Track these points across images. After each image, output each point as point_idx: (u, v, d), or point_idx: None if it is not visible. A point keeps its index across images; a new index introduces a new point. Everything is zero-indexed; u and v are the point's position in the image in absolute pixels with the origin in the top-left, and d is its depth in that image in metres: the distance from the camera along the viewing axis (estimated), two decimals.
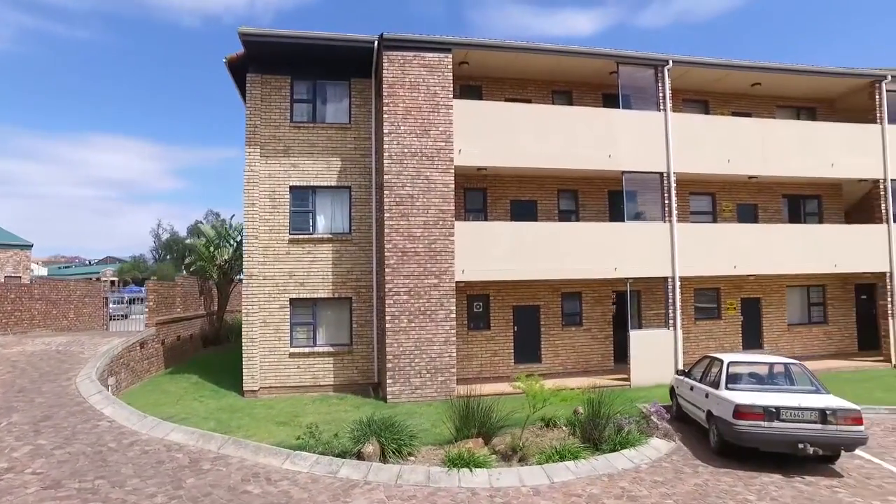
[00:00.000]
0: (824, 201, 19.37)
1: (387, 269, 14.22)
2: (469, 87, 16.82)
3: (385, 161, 14.37)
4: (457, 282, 14.55)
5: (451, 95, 14.76)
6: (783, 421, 8.66)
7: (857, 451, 9.66)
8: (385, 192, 14.35)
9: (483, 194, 16.66)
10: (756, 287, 18.42)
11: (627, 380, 15.23)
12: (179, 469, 8.12)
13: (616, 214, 16.51)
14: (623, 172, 15.69)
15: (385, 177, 14.33)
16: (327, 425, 11.34)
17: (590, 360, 16.95)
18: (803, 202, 19.37)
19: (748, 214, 18.51)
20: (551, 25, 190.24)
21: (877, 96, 17.79)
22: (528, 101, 16.82)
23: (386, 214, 14.31)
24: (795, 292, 19.09)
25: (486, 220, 16.52)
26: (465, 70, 16.38)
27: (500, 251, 14.77)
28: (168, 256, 68.62)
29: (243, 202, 15.29)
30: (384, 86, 14.53)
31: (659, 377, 15.11)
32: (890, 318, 17.48)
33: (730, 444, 9.11)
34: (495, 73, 16.78)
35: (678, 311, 15.74)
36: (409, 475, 8.11)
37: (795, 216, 19.20)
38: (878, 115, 17.78)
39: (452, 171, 14.58)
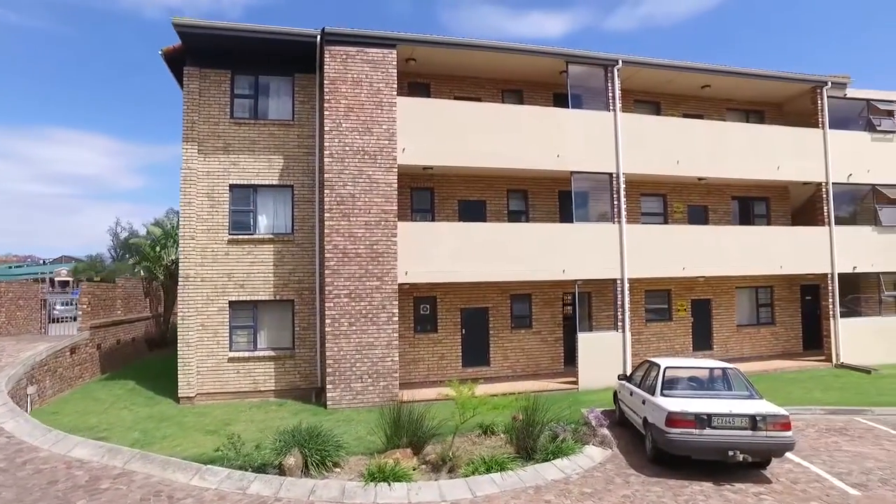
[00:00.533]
0: (772, 204, 19.49)
1: (326, 271, 13.72)
2: (417, 84, 16.40)
3: (326, 159, 13.86)
4: (400, 284, 14.13)
5: (396, 92, 14.32)
6: (714, 428, 8.45)
7: (789, 455, 9.54)
8: (326, 191, 13.84)
9: (430, 194, 16.26)
10: (706, 288, 18.41)
11: (576, 383, 15.01)
12: (72, 490, 7.50)
13: (567, 215, 16.28)
14: (572, 173, 15.46)
15: (326, 175, 13.83)
16: (259, 433, 10.84)
17: (540, 363, 16.69)
18: (752, 204, 19.46)
19: (699, 216, 18.49)
20: (522, 27, 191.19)
21: (818, 102, 17.93)
22: (478, 100, 16.48)
23: (326, 214, 13.81)
24: (744, 293, 19.16)
25: (433, 220, 16.12)
26: (413, 67, 15.96)
27: (445, 252, 14.38)
28: (127, 255, 66.68)
29: (180, 201, 14.60)
30: (326, 81, 14.02)
31: (608, 380, 14.87)
32: (831, 319, 17.64)
33: (665, 452, 8.87)
34: (444, 70, 16.39)
35: (626, 314, 15.58)
36: (323, 491, 7.65)
37: (744, 218, 19.27)
38: (819, 119, 17.92)
39: (396, 170, 14.14)
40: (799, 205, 19.62)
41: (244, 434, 11.12)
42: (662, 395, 9.23)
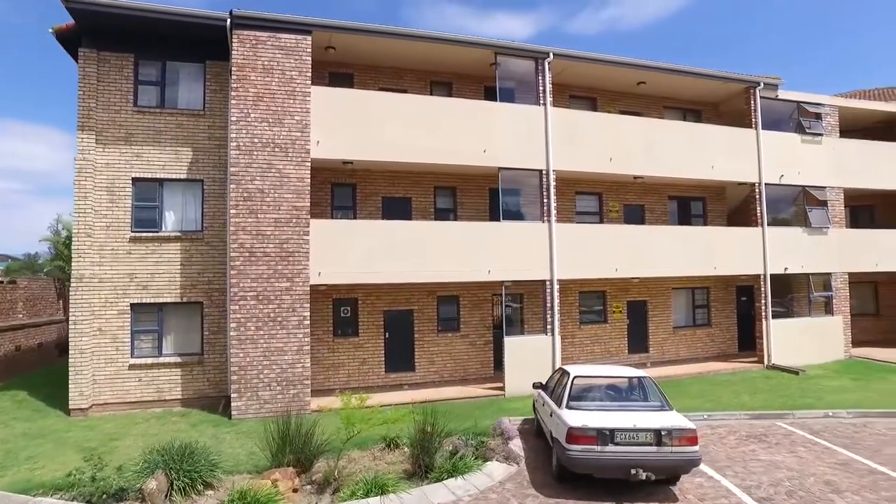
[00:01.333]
0: (709, 204, 19.24)
1: (232, 272, 12.72)
2: (340, 75, 15.49)
3: (232, 152, 12.86)
4: (313, 285, 13.23)
5: (310, 82, 13.40)
6: (617, 444, 7.81)
7: (702, 467, 9.03)
8: (231, 185, 12.83)
9: (352, 191, 15.37)
10: (642, 290, 18.01)
11: (504, 389, 14.34)
12: None
13: (497, 213, 15.57)
14: (499, 169, 14.79)
15: (232, 169, 12.82)
16: (143, 452, 9.80)
17: (468, 367, 15.98)
18: (689, 204, 19.17)
19: (635, 215, 18.08)
20: (487, 27, 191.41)
21: (751, 102, 17.72)
22: (404, 92, 15.65)
23: (232, 211, 12.80)
24: (681, 295, 18.84)
25: (355, 218, 15.24)
26: (334, 56, 15.06)
27: (362, 252, 13.53)
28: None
29: (74, 195, 13.36)
30: (233, 68, 13.01)
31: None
32: (763, 320, 17.44)
33: (569, 470, 8.18)
34: (368, 60, 15.52)
35: (556, 316, 14.99)
36: None
37: (682, 218, 18.96)
38: (752, 120, 17.70)
39: (309, 163, 13.23)
40: (735, 205, 19.40)
41: (129, 451, 10.11)
42: (568, 407, 8.56)
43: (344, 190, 15.33)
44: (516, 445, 10.07)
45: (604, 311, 17.66)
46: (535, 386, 11.01)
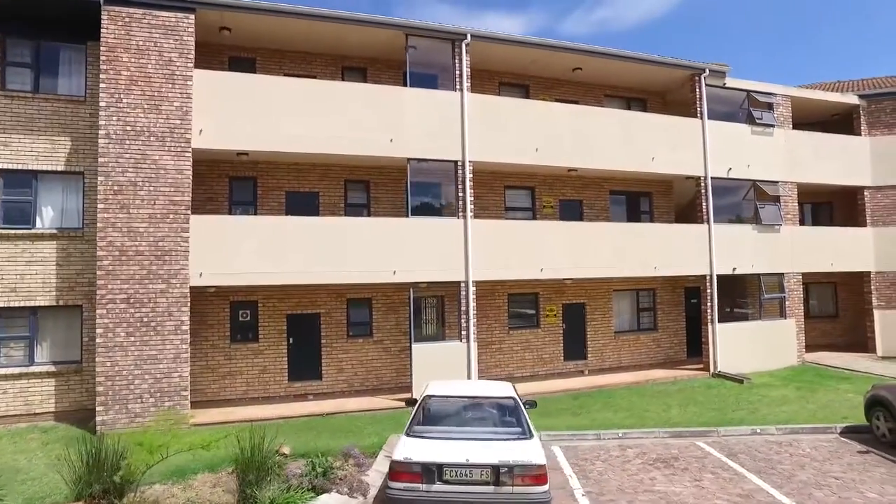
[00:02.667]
0: (655, 200, 17.97)
1: (99, 273, 11.47)
2: (240, 59, 14.26)
3: (101, 141, 11.63)
4: (195, 287, 12.00)
5: (193, 64, 12.15)
6: (446, 482, 6.52)
7: (579, 498, 7.76)
8: (101, 178, 11.60)
9: (253, 185, 14.09)
10: (579, 291, 16.73)
11: (414, 401, 13.03)
12: None
13: (416, 208, 14.26)
14: (409, 160, 13.53)
15: (101, 160, 11.59)
16: None
17: (382, 376, 14.70)
18: (634, 200, 17.89)
19: (573, 212, 16.80)
20: (479, 26, 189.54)
21: (697, 90, 16.45)
22: (313, 78, 14.39)
23: (100, 206, 11.56)
24: (624, 297, 17.56)
25: (256, 214, 13.97)
26: (232, 40, 13.83)
27: (251, 250, 12.27)
28: None
29: None
30: (103, 48, 11.76)
31: None
32: (709, 325, 16.16)
33: None
34: (272, 43, 14.27)
35: (472, 321, 13.71)
36: None
37: (624, 215, 17.68)
38: (697, 109, 16.43)
39: (189, 154, 11.99)
40: (686, 202, 18.15)
41: None
42: (408, 433, 7.27)
43: (244, 184, 14.07)
44: (377, 472, 8.77)
45: (536, 315, 16.38)
46: (408, 403, 9.70)
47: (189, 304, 11.86)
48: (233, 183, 13.99)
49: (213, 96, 12.27)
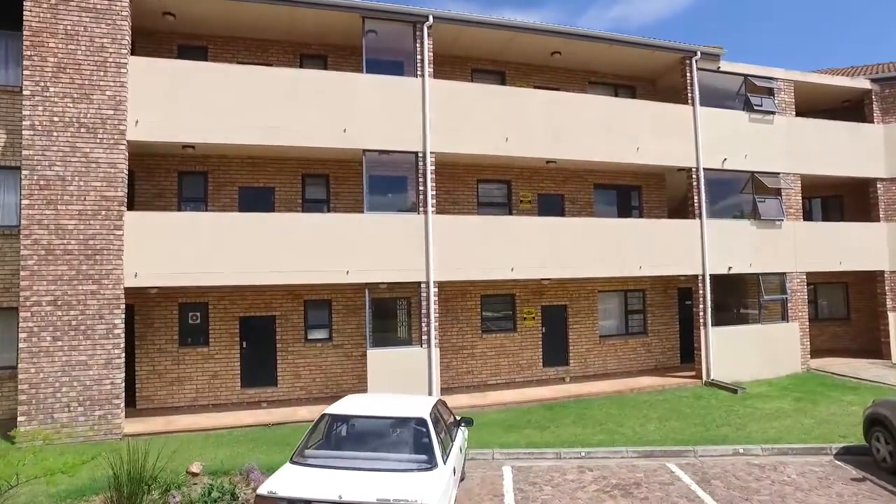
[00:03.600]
0: (645, 194, 16.49)
1: (24, 273, 10.57)
2: (190, 48, 13.28)
3: (25, 132, 10.73)
4: (131, 288, 11.04)
5: (128, 51, 11.20)
6: None
7: None
8: (25, 172, 10.69)
9: (204, 180, 13.11)
10: (560, 293, 15.38)
11: None
12: None
13: (378, 204, 13.11)
14: (364, 152, 12.39)
15: (25, 153, 10.69)
16: None
17: (342, 383, 13.57)
18: (621, 194, 16.44)
19: (553, 207, 15.44)
20: None
21: (688, 74, 14.95)
22: (269, 66, 13.35)
23: (24, 202, 10.65)
24: (610, 298, 16.13)
25: (206, 210, 12.98)
26: (179, 26, 12.89)
27: (193, 249, 11.28)
28: None
29: None
30: (27, 33, 10.86)
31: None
32: (701, 329, 14.65)
33: None
34: (224, 30, 13.29)
35: (433, 325, 12.51)
36: None
37: (611, 211, 16.25)
38: (688, 95, 14.93)
39: (124, 147, 11.03)
40: (680, 197, 16.58)
41: None
42: (293, 460, 6.12)
43: (194, 179, 13.10)
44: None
45: (513, 318, 15.07)
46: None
47: (123, 306, 10.89)
48: (182, 178, 13.04)
49: (150, 85, 11.30)
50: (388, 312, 13.88)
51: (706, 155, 14.86)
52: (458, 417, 8.11)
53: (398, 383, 12.08)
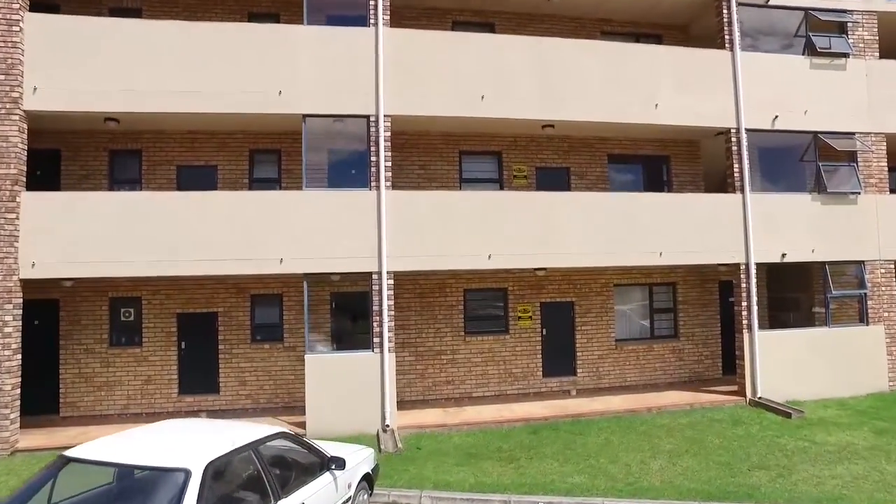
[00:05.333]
0: (675, 166, 13.06)
1: None
2: (124, 9, 11.44)
3: None
4: (29, 280, 9.30)
5: (23, 6, 9.48)
6: None
7: None
8: None
9: (138, 158, 11.27)
10: (565, 286, 12.35)
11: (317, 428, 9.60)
12: None
13: (326, 182, 10.78)
14: (304, 117, 10.04)
15: None
16: None
17: (294, 391, 11.24)
18: (643, 167, 13.14)
19: (556, 183, 12.41)
20: None
21: (724, 10, 11.44)
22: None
23: None
24: (630, 294, 12.88)
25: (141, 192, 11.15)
26: None
27: (102, 235, 9.41)
28: None
29: None
30: None
31: (358, 423, 9.52)
32: (745, 332, 11.15)
33: None
34: None
35: (386, 324, 9.96)
36: None
37: (631, 187, 12.98)
38: (726, 36, 11.43)
39: (17, 117, 9.30)
40: (722, 170, 12.91)
41: None
42: None
43: (127, 158, 11.30)
44: None
45: (504, 317, 12.21)
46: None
47: (20, 300, 9.19)
48: (114, 157, 11.27)
49: (52, 47, 9.51)
50: (356, 310, 11.40)
51: (750, 112, 11.32)
52: (328, 456, 5.55)
53: (344, 395, 9.69)
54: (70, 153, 11.00)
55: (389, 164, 10.17)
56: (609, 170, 12.78)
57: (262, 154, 11.60)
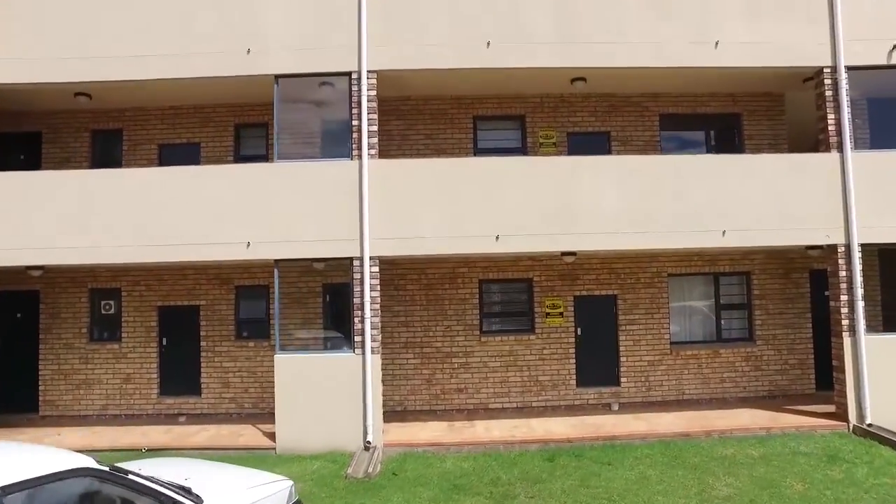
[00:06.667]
0: (746, 126, 10.25)
1: None
2: None
3: None
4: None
5: None
6: None
7: None
8: None
9: (119, 137, 10.27)
10: (605, 276, 9.99)
11: (289, 441, 8.08)
12: None
13: (325, 151, 9.20)
14: (276, 78, 8.49)
15: None
16: None
17: None
18: (707, 129, 10.46)
19: (593, 150, 10.02)
20: None
21: None
22: None
23: None
24: (690, 285, 10.27)
25: None
26: None
27: (50, 218, 8.40)
28: None
29: None
30: None
31: (336, 438, 7.91)
32: (845, 335, 8.29)
33: None
34: None
35: (368, 319, 8.19)
36: None
37: (690, 150, 10.37)
38: None
39: None
40: (812, 130, 10.03)
41: None
42: None
43: (109, 138, 10.33)
44: None
45: (529, 314, 10.04)
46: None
47: None
48: (96, 138, 10.35)
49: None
50: (331, 300, 9.82)
51: (851, 42, 8.44)
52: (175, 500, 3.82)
53: (318, 406, 8.06)
54: (51, 134, 10.21)
55: (375, 128, 8.40)
56: (661, 135, 10.25)
57: (249, 128, 10.24)
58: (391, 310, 9.78)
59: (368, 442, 7.93)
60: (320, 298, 9.89)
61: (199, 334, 9.92)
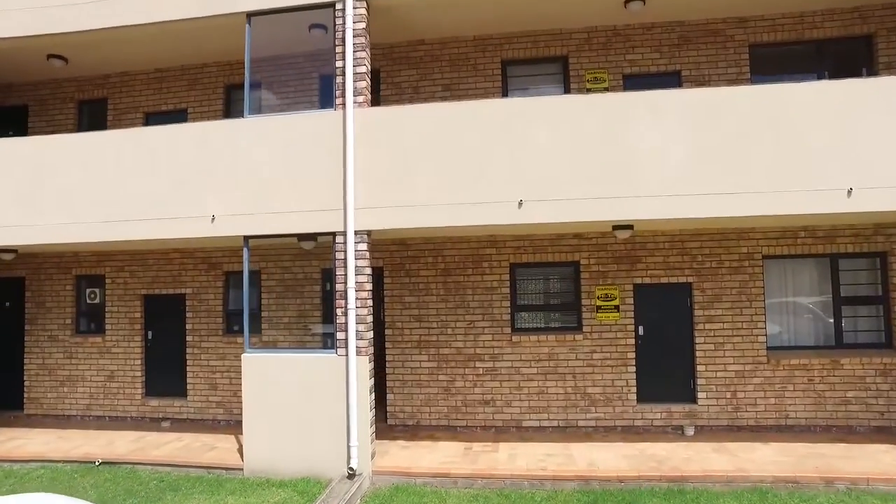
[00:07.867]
0: (880, 54, 7.42)
1: None
2: None
3: None
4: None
5: None
6: None
7: None
8: None
9: (104, 107, 9.13)
10: (675, 259, 7.57)
11: (248, 460, 6.50)
12: None
13: (308, 103, 7.56)
14: (248, 16, 6.88)
15: None
16: None
17: None
18: (818, 60, 7.72)
19: None
20: None
21: None
22: None
23: None
24: (794, 270, 7.60)
25: None
26: None
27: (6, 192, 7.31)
28: None
29: None
30: None
31: (314, 461, 6.25)
32: None
33: None
34: None
35: (353, 312, 6.36)
36: None
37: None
38: None
39: None
40: None
41: None
42: None
43: (94, 107, 9.23)
44: None
45: (575, 307, 7.80)
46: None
47: None
48: (82, 107, 9.29)
49: None
50: (324, 287, 8.11)
51: None
52: None
53: (294, 419, 6.37)
54: (37, 107, 9.28)
55: (364, 70, 6.56)
56: (753, 73, 7.66)
57: (239, 89, 8.74)
58: (402, 300, 7.96)
59: (352, 469, 6.12)
60: (319, 287, 8.22)
61: (184, 326, 8.56)
